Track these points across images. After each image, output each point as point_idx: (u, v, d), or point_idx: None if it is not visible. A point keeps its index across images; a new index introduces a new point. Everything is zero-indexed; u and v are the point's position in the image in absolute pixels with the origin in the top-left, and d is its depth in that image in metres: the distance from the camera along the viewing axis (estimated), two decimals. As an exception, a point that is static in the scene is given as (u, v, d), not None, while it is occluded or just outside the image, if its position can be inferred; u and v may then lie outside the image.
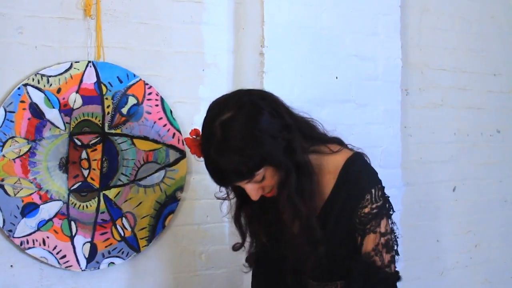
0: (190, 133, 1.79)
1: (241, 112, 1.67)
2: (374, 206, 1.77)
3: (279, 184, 1.73)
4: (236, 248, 2.02)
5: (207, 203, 2.59)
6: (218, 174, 1.72)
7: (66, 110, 2.29)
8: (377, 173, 1.85)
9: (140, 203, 2.42)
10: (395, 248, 1.84)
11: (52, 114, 2.27)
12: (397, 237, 1.86)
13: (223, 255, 2.63)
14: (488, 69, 3.54)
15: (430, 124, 3.28)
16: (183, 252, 2.55)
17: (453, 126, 3.38)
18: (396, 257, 1.84)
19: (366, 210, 1.77)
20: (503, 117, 3.60)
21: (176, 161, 2.49)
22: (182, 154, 2.50)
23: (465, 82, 3.42)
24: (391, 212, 1.83)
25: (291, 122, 1.74)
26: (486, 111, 3.53)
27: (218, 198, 1.99)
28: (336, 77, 2.74)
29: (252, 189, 1.74)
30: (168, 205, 2.48)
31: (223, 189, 1.90)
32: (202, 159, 1.77)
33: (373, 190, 1.78)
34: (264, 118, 1.68)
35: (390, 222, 1.82)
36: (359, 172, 1.81)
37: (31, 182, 2.23)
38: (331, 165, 1.82)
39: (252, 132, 1.65)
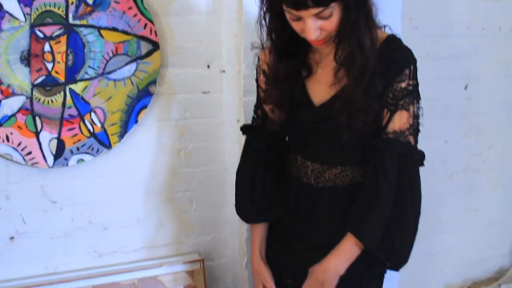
0: None
1: None
2: (411, 82, 1.76)
3: (346, 23, 1.68)
4: None
5: (185, 98, 2.47)
6: None
7: (25, 1, 2.14)
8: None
9: (110, 97, 2.30)
10: (418, 135, 1.84)
11: (11, 5, 2.13)
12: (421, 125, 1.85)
13: (204, 153, 2.53)
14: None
15: (439, 16, 3.02)
16: (159, 149, 2.45)
17: (466, 19, 3.11)
18: None
19: (403, 84, 1.75)
20: (526, 10, 3.31)
21: (149, 53, 2.34)
22: (155, 46, 2.35)
23: (481, -31, 3.13)
24: (420, 98, 1.82)
25: None
26: (506, 3, 3.23)
27: (254, 47, 1.92)
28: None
29: (314, 26, 1.67)
30: (141, 99, 2.35)
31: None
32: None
33: (411, 67, 1.76)
34: None
35: (418, 106, 1.82)
36: (401, 48, 1.80)
37: (-9, 77, 2.13)
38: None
39: None
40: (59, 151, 2.25)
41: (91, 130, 2.29)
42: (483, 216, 3.35)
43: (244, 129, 2.09)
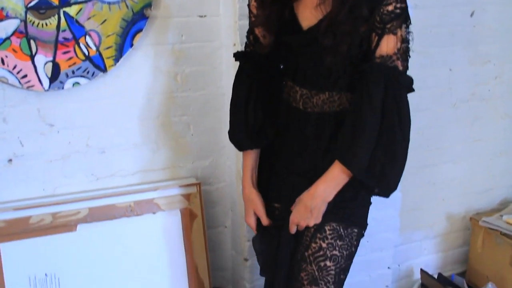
0: None
1: None
2: (398, 6, 1.72)
3: None
4: None
5: (181, 22, 2.45)
6: None
7: None
8: None
9: (105, 20, 2.29)
10: (408, 60, 1.81)
11: None
12: (411, 50, 1.81)
13: (201, 77, 2.52)
14: None
15: None
16: (155, 73, 2.44)
17: None
18: None
19: (390, 7, 1.72)
20: None
21: (143, -24, 2.32)
22: (149, -31, 2.32)
23: None
24: (410, 22, 1.78)
25: None
26: None
27: None
28: None
29: None
30: (136, 22, 2.33)
31: None
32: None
33: None
34: None
35: (407, 31, 1.77)
36: None
37: (-16, -1, 2.12)
38: None
39: None
40: (55, 74, 2.25)
41: (86, 53, 2.28)
42: (488, 146, 3.32)
43: (237, 55, 2.08)
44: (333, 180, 1.84)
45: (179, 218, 2.49)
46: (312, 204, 1.85)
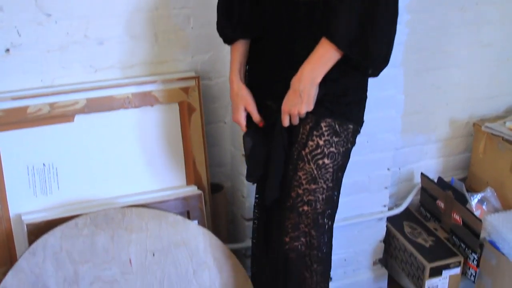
0: None
1: None
2: None
3: None
4: None
5: None
6: None
7: None
8: None
9: None
10: None
11: None
12: None
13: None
14: None
15: None
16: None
17: None
18: None
19: None
20: None
21: None
22: None
23: None
24: None
25: None
26: None
27: None
28: None
29: None
30: None
31: None
32: None
33: None
34: None
35: None
36: None
37: None
38: None
39: None
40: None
41: None
42: (496, 52, 3.26)
43: None
44: (319, 58, 1.80)
45: (177, 111, 2.48)
46: (300, 86, 1.82)
